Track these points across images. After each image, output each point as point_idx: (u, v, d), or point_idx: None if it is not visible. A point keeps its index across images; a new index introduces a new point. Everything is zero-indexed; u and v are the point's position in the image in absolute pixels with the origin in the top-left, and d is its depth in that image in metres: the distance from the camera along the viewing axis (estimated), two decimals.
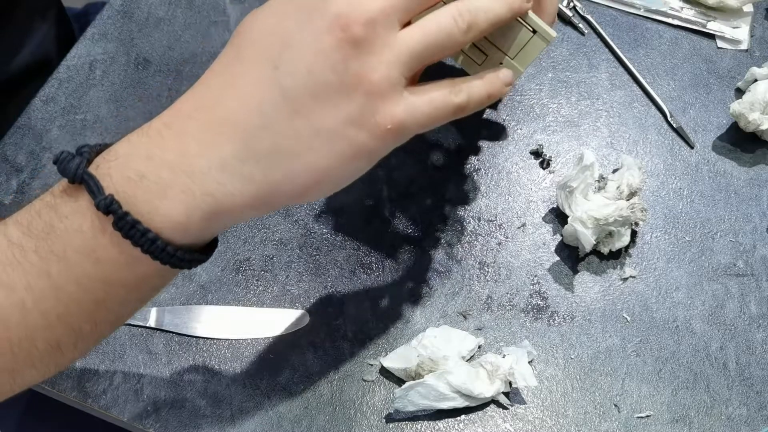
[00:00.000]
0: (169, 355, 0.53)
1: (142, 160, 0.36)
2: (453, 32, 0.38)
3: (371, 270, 0.57)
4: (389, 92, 0.36)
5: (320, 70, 0.35)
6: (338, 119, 0.36)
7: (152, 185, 0.35)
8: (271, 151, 0.36)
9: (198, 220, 0.36)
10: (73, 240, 0.36)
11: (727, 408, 0.53)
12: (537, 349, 0.54)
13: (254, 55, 0.36)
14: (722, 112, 0.66)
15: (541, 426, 0.52)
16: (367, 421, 0.51)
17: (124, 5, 0.68)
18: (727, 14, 0.71)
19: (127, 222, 0.35)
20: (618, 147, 0.64)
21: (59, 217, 0.37)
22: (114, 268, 0.37)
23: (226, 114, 0.36)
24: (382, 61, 0.36)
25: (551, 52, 0.68)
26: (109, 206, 0.35)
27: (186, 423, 0.51)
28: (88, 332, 0.40)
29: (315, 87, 0.35)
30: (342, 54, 0.35)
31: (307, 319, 0.55)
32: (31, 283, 0.37)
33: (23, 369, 0.39)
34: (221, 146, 0.36)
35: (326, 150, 0.36)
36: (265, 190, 0.37)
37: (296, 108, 0.36)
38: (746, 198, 0.62)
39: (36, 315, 0.37)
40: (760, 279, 0.58)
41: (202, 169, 0.36)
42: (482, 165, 0.62)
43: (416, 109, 0.38)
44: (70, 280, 0.37)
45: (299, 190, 0.38)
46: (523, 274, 0.58)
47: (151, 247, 0.36)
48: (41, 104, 0.63)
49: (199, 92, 0.38)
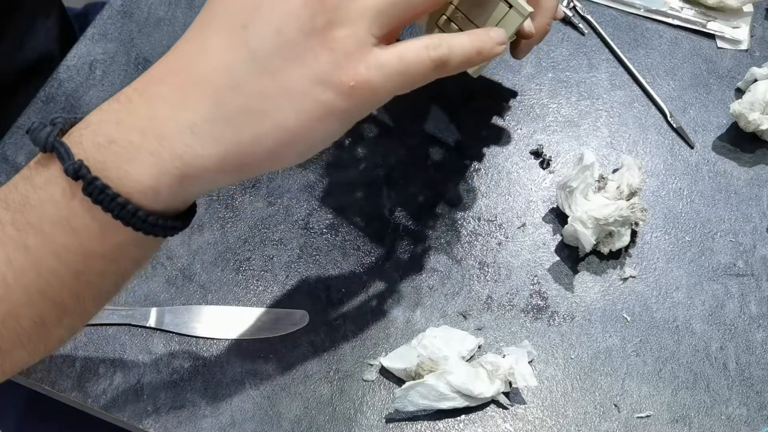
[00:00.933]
0: (169, 355, 0.53)
1: (112, 126, 0.36)
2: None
3: (371, 270, 0.57)
4: (355, 49, 0.36)
5: (287, 28, 0.35)
6: (305, 78, 0.36)
7: (121, 150, 0.35)
8: (239, 112, 0.36)
9: (168, 183, 0.36)
10: (48, 210, 0.36)
11: (727, 408, 0.53)
12: (537, 349, 0.54)
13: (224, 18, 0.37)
14: (722, 112, 0.66)
15: (541, 426, 0.52)
16: (367, 421, 0.51)
17: (124, 5, 0.68)
18: (727, 14, 0.71)
19: (96, 187, 0.35)
20: (618, 147, 0.64)
21: (33, 187, 0.36)
22: (89, 237, 0.37)
23: (196, 76, 0.36)
24: (348, 18, 0.36)
25: (551, 52, 0.68)
26: (77, 171, 0.35)
27: (186, 423, 0.51)
28: (71, 307, 0.39)
29: (282, 46, 0.35)
30: (309, 12, 0.35)
31: (307, 319, 0.55)
32: (10, 256, 0.37)
33: (12, 349, 0.39)
34: (190, 108, 0.36)
35: (294, 110, 0.36)
36: (234, 151, 0.37)
37: (264, 67, 0.36)
38: (746, 198, 0.62)
39: (17, 290, 0.37)
40: (760, 279, 0.58)
41: (171, 132, 0.36)
42: (482, 165, 0.62)
43: (384, 66, 0.37)
44: (48, 251, 0.37)
45: (269, 151, 0.37)
46: (523, 274, 0.58)
47: (122, 212, 0.36)
48: (41, 104, 0.63)
49: (170, 58, 0.38)
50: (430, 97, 0.65)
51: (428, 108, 0.64)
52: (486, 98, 0.65)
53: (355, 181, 0.61)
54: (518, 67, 0.67)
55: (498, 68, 0.67)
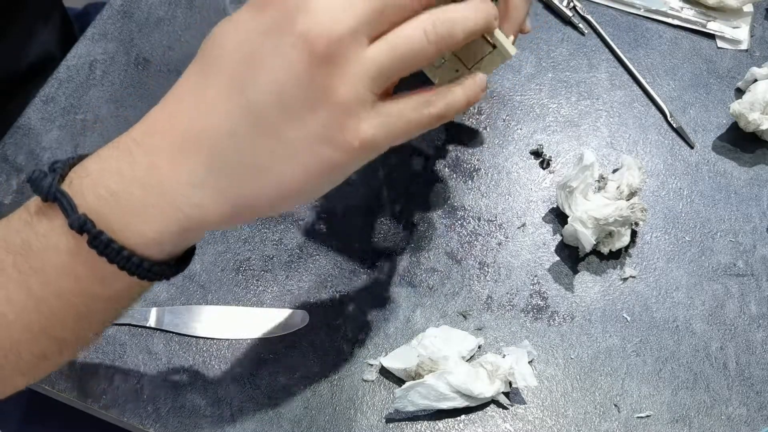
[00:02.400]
0: (169, 355, 0.53)
1: (113, 177, 0.36)
2: (424, 48, 0.37)
3: (371, 270, 0.57)
4: (356, 108, 0.36)
5: (287, 87, 0.35)
6: (306, 136, 0.36)
7: (124, 203, 0.36)
8: (241, 167, 0.36)
9: (171, 235, 0.37)
10: (51, 257, 0.37)
11: (727, 408, 0.53)
12: (537, 349, 0.54)
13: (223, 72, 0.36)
14: (722, 112, 0.66)
15: (541, 426, 0.52)
16: (367, 421, 0.51)
17: (124, 5, 0.68)
18: (727, 14, 0.71)
19: (101, 241, 0.35)
20: (618, 147, 0.64)
21: (36, 235, 0.37)
22: (92, 283, 0.38)
23: (196, 131, 0.36)
24: (348, 78, 0.35)
25: (551, 52, 0.68)
26: (83, 226, 0.35)
27: (186, 423, 0.51)
28: (72, 341, 0.41)
29: (282, 104, 0.35)
30: (309, 71, 0.35)
31: (307, 319, 0.55)
32: (11, 296, 0.37)
33: (12, 376, 0.41)
34: (191, 163, 0.36)
35: (295, 166, 0.36)
36: (236, 205, 0.37)
37: (264, 125, 0.36)
38: (746, 198, 0.62)
39: (19, 327, 0.38)
40: (760, 279, 0.58)
41: (172, 186, 0.36)
42: (482, 165, 0.62)
43: (386, 123, 0.38)
44: (51, 293, 0.37)
45: (270, 203, 0.38)
46: (523, 274, 0.58)
47: (127, 264, 0.36)
48: (41, 104, 0.63)
49: (168, 108, 0.38)
50: None
51: None
52: (490, 98, 0.65)
53: (356, 181, 0.61)
54: (518, 67, 0.67)
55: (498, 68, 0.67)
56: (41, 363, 0.41)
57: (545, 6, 0.71)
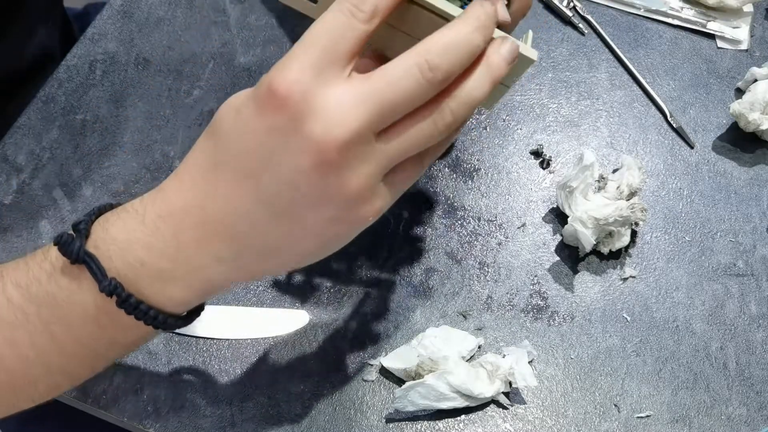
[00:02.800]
0: (169, 355, 0.53)
1: (141, 249, 0.38)
2: (433, 136, 0.38)
3: (371, 270, 0.57)
4: (368, 195, 0.37)
5: (300, 186, 0.36)
6: (322, 221, 0.37)
7: (153, 272, 0.38)
8: (262, 248, 0.38)
9: (197, 298, 0.40)
10: (77, 309, 0.39)
11: (727, 408, 0.53)
12: (537, 349, 0.54)
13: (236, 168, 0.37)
14: (722, 112, 0.66)
15: (541, 426, 0.52)
16: (367, 421, 0.51)
17: (124, 5, 0.68)
18: (727, 14, 0.71)
19: (130, 304, 0.38)
20: (618, 147, 0.64)
21: (60, 289, 0.38)
22: (115, 332, 0.40)
23: (215, 217, 0.37)
24: (360, 174, 0.36)
25: (551, 52, 0.68)
26: (113, 291, 0.37)
27: (186, 423, 0.51)
28: (85, 376, 0.43)
29: (296, 200, 0.36)
30: (320, 173, 0.35)
31: (307, 319, 0.55)
32: (34, 341, 0.39)
33: (23, 403, 0.43)
34: (216, 244, 0.38)
35: (311, 241, 0.39)
36: (258, 273, 0.40)
37: (281, 216, 0.37)
38: (746, 198, 0.62)
39: (39, 367, 0.40)
40: (760, 279, 0.58)
41: (200, 264, 0.38)
42: (482, 165, 0.62)
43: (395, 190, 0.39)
44: (73, 340, 0.39)
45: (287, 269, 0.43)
46: (523, 274, 0.58)
47: (154, 322, 0.39)
48: (41, 104, 0.63)
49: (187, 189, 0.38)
50: None
51: None
52: None
53: None
54: None
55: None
56: (53, 392, 0.43)
57: (545, 6, 0.71)
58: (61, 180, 0.59)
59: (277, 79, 0.35)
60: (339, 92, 0.35)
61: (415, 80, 0.35)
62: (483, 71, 0.38)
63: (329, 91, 0.35)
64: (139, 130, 0.62)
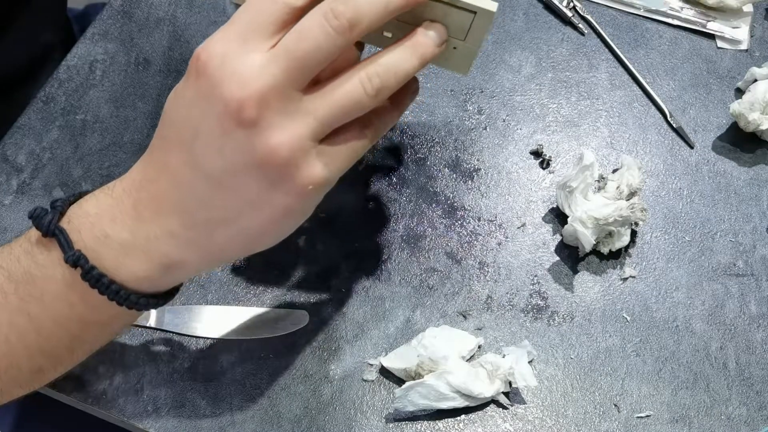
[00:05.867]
0: (169, 355, 0.53)
1: (107, 222, 0.40)
2: (362, 99, 0.38)
3: (371, 270, 0.57)
4: (302, 160, 0.37)
5: (230, 152, 0.37)
6: (260, 190, 0.38)
7: (115, 245, 0.40)
8: (207, 221, 0.39)
9: (158, 274, 0.41)
10: (49, 286, 0.41)
11: (727, 408, 0.53)
12: (537, 349, 0.54)
13: (174, 141, 0.39)
14: (722, 112, 0.66)
15: (541, 426, 0.52)
16: (367, 421, 0.51)
17: (124, 5, 0.68)
18: (727, 14, 0.71)
19: (92, 275, 0.39)
20: (618, 147, 0.64)
21: (36, 264, 0.41)
22: (86, 310, 0.41)
23: (164, 191, 0.39)
24: (287, 135, 0.37)
25: (551, 52, 0.68)
26: (77, 261, 0.39)
27: (186, 423, 0.51)
28: (67, 359, 0.45)
29: (230, 166, 0.37)
30: (244, 134, 0.36)
31: (307, 319, 0.55)
32: (12, 320, 0.41)
33: (10, 388, 0.45)
34: (167, 219, 0.39)
35: (255, 215, 0.39)
36: (209, 251, 0.41)
37: (220, 185, 0.38)
38: (746, 198, 0.62)
39: (19, 348, 0.42)
40: (760, 279, 0.58)
41: (155, 234, 0.40)
42: (482, 165, 0.62)
43: (334, 160, 0.39)
44: (48, 318, 0.41)
45: (241, 249, 0.42)
46: (523, 274, 0.58)
47: (116, 296, 0.40)
48: (41, 104, 0.63)
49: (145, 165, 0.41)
50: (431, 95, 0.65)
51: (429, 108, 0.65)
52: (490, 98, 0.66)
53: (355, 181, 0.61)
54: (518, 67, 0.67)
55: (498, 68, 0.67)
56: (38, 376, 0.45)
57: (545, 6, 0.71)
58: (61, 180, 0.59)
59: (201, 49, 0.37)
60: (257, 56, 0.36)
61: (321, 28, 0.36)
62: (408, 47, 0.39)
63: (248, 56, 0.36)
64: (139, 130, 0.62)
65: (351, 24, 0.36)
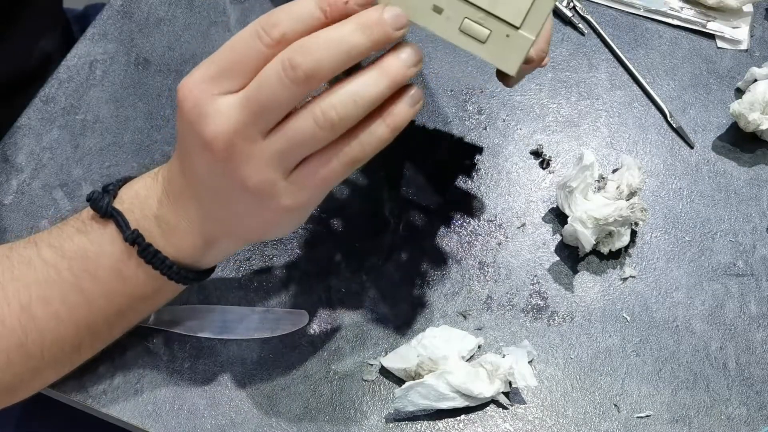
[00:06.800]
0: (169, 355, 0.53)
1: (155, 204, 0.44)
2: (315, 134, 0.39)
3: (371, 270, 0.57)
4: (270, 189, 0.40)
5: (212, 177, 0.41)
6: (245, 209, 0.42)
7: (163, 224, 0.44)
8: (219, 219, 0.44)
9: (200, 249, 0.45)
10: (104, 261, 0.45)
11: (727, 408, 0.53)
12: (537, 349, 0.54)
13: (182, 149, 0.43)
14: (722, 112, 0.66)
15: (541, 426, 0.52)
16: (367, 421, 0.51)
17: (124, 5, 0.68)
18: (727, 14, 0.71)
19: (149, 252, 0.44)
20: (618, 147, 0.64)
21: (90, 242, 0.45)
22: (136, 284, 0.45)
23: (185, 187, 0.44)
24: (253, 169, 0.40)
25: (551, 52, 0.68)
26: (135, 240, 0.44)
27: (186, 423, 0.51)
28: (105, 335, 0.48)
29: (216, 188, 0.42)
30: (219, 167, 0.40)
31: (307, 319, 0.55)
32: (66, 296, 0.45)
33: (46, 368, 0.47)
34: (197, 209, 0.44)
35: (254, 221, 0.43)
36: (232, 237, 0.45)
37: (214, 199, 0.43)
38: (746, 198, 0.62)
39: (69, 323, 0.45)
40: (760, 279, 0.58)
41: (193, 217, 0.44)
42: (482, 165, 0.62)
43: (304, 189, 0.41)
44: (100, 293, 0.45)
45: (257, 237, 0.48)
46: (523, 274, 0.58)
47: (168, 271, 0.45)
48: (41, 104, 0.63)
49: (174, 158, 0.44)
50: (431, 95, 0.65)
51: (428, 108, 0.65)
52: (490, 98, 0.66)
53: (356, 181, 0.61)
54: None
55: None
56: (75, 354, 0.48)
57: None
58: (61, 180, 0.59)
59: (180, 86, 0.40)
60: (225, 100, 0.39)
61: (278, 79, 0.37)
62: (375, 70, 0.39)
63: (217, 100, 0.39)
64: (139, 130, 0.62)
65: (308, 75, 0.37)
